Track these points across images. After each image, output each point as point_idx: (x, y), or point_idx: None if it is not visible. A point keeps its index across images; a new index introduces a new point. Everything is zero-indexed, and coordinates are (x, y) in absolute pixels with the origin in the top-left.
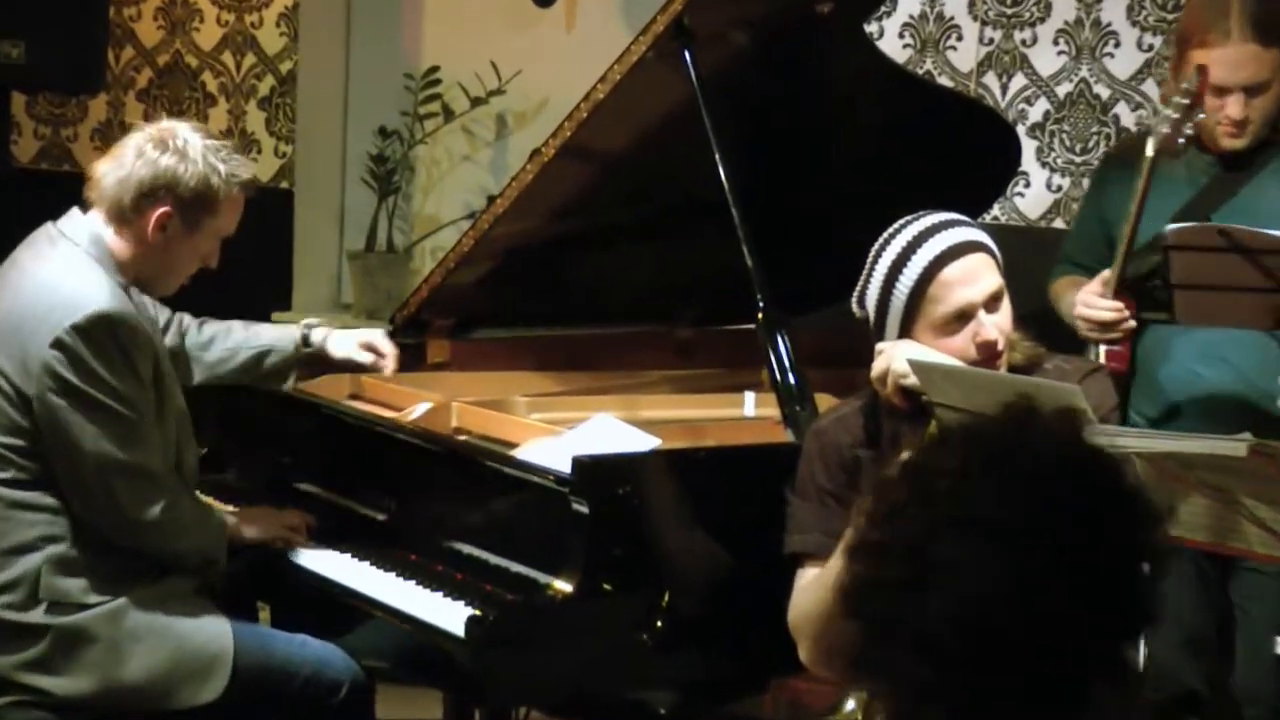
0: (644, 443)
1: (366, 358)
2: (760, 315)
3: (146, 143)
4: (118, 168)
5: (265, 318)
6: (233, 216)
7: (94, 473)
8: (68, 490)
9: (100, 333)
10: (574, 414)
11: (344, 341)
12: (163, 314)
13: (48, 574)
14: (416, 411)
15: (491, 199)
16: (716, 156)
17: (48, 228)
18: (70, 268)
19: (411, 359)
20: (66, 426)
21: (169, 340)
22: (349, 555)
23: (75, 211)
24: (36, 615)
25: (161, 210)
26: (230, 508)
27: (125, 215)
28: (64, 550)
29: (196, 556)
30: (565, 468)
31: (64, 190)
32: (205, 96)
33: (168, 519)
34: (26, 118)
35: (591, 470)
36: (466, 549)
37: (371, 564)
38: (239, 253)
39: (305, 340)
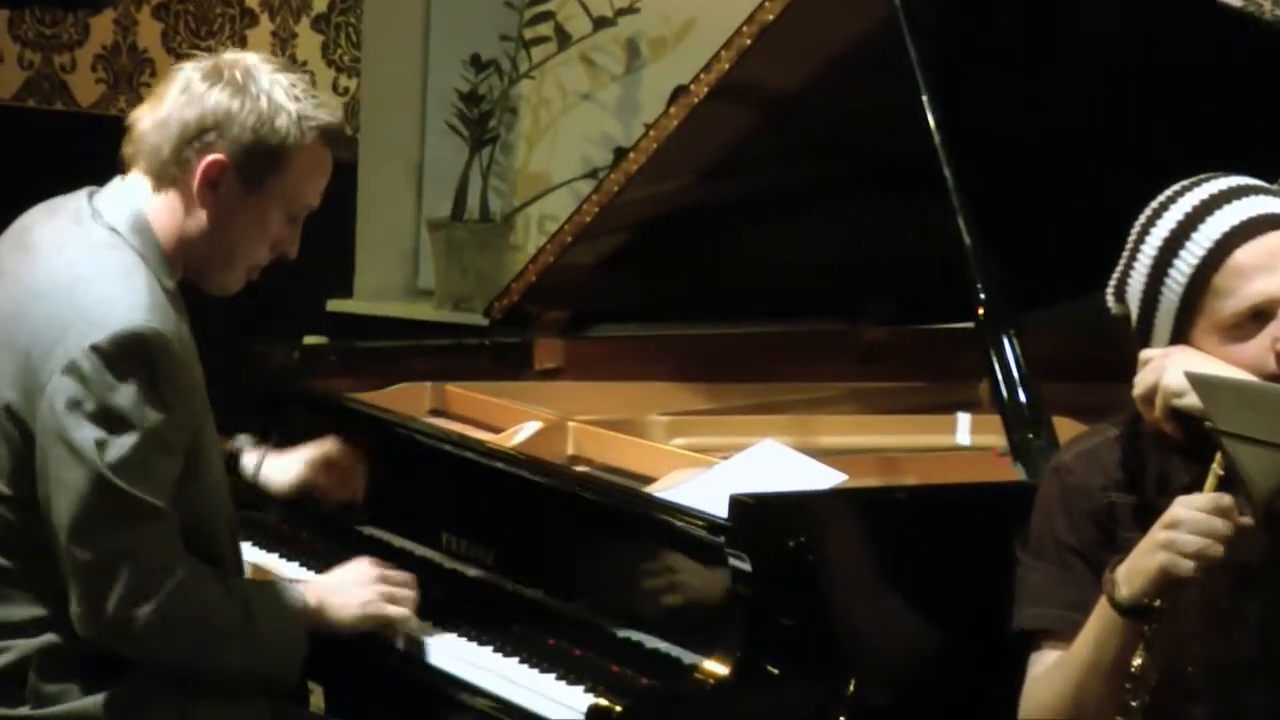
0: (823, 479)
1: (325, 480)
2: (981, 311)
3: (195, 74)
4: (157, 109)
5: (319, 310)
6: (312, 178)
7: (70, 548)
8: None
9: (129, 358)
10: (729, 439)
11: (286, 466)
12: None
13: (39, 671)
14: (520, 434)
15: (620, 153)
16: (924, 100)
17: (80, 200)
18: (102, 265)
19: (514, 363)
20: (48, 482)
21: None
22: (430, 623)
23: (115, 183)
24: (22, 711)
25: (211, 159)
26: (293, 569)
27: (166, 169)
28: (60, 641)
29: (247, 674)
30: (719, 510)
31: (56, 134)
32: (243, 14)
33: (176, 634)
34: (9, 41)
35: (754, 514)
36: (587, 617)
37: (460, 635)
38: None
39: (229, 465)
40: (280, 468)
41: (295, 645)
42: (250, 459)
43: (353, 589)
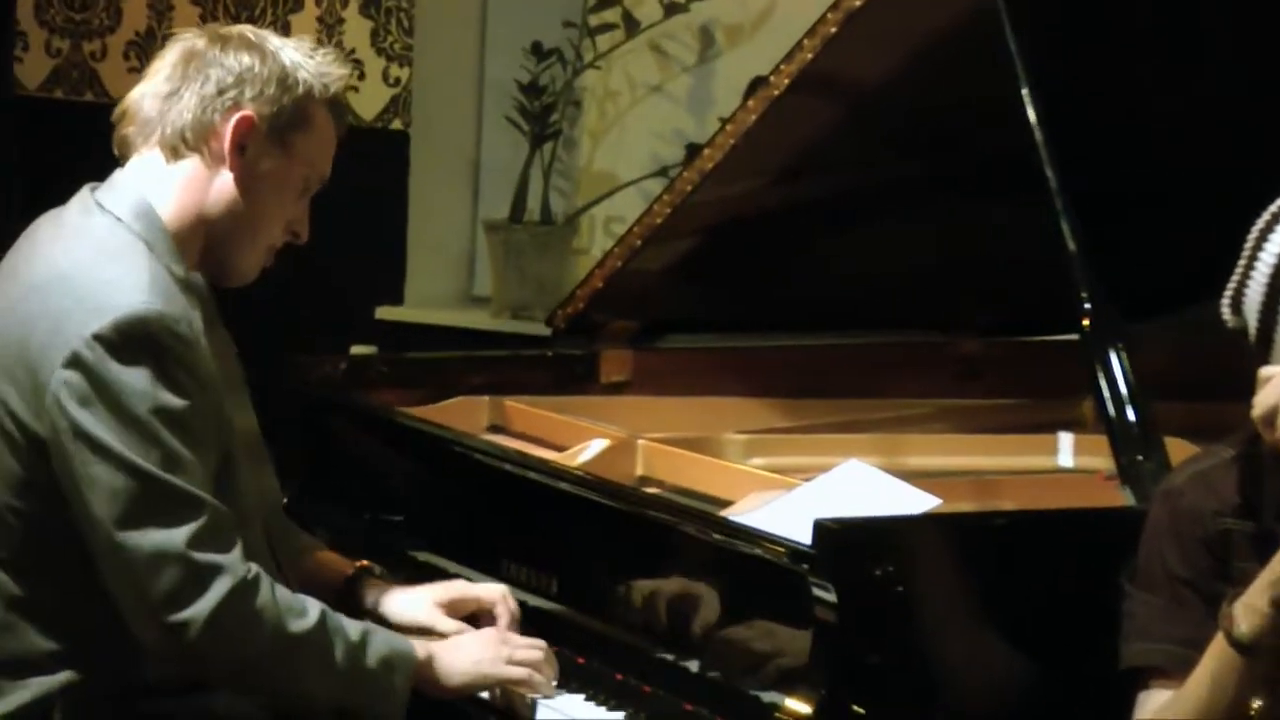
0: (914, 502)
1: (451, 626)
2: (1086, 322)
3: (198, 42)
4: (163, 83)
5: (368, 318)
6: (330, 141)
7: (110, 551)
8: (109, 587)
9: (135, 344)
10: (811, 459)
11: (410, 604)
12: None
13: (64, 714)
14: (586, 453)
15: (693, 150)
16: (1024, 93)
17: (82, 194)
18: (100, 250)
19: (578, 377)
20: (75, 481)
21: None
22: None
23: (115, 175)
24: None
25: (241, 116)
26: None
27: (185, 140)
28: (81, 679)
29: (322, 705)
30: (801, 536)
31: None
32: None
33: (234, 641)
34: (36, 27)
35: (839, 541)
36: (657, 651)
37: None
38: (329, 220)
39: (349, 589)
40: (404, 604)
41: (391, 690)
42: (370, 588)
43: (470, 644)
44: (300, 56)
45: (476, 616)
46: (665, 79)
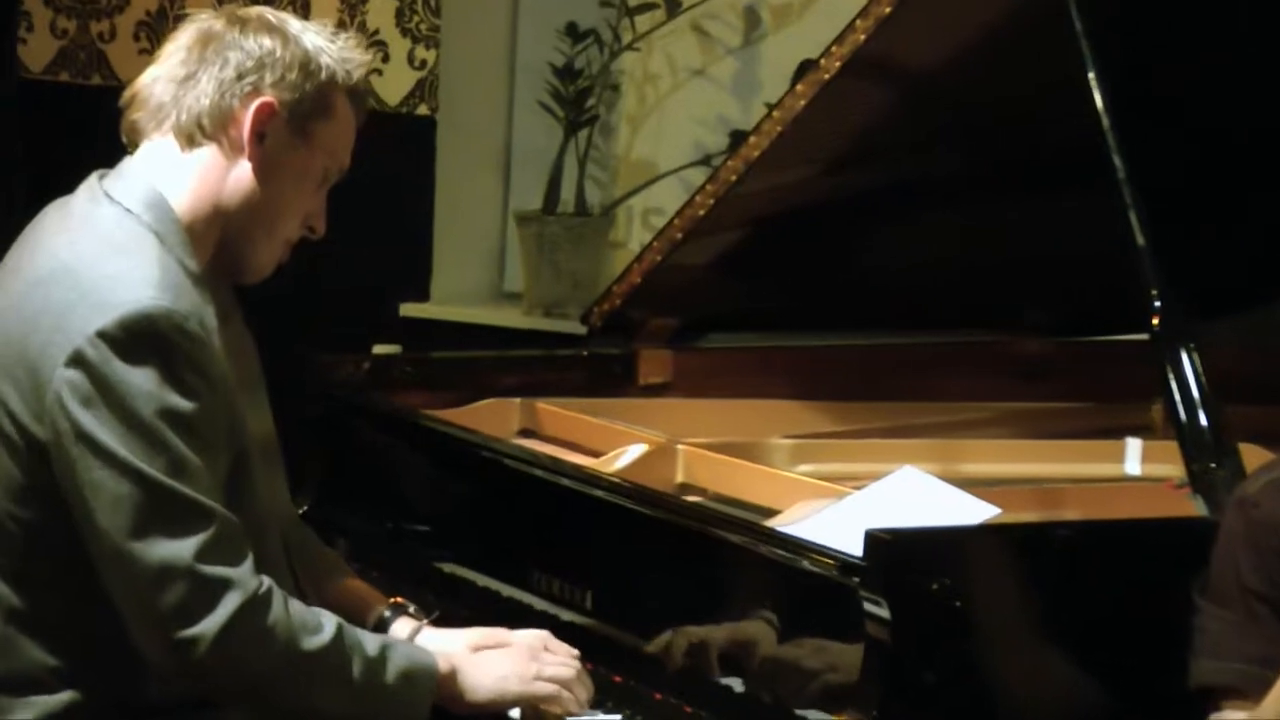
0: (972, 512)
1: None
2: (1156, 322)
3: (215, 24)
4: (177, 66)
5: (392, 315)
6: (349, 130)
7: (114, 561)
8: (114, 599)
9: (141, 342)
10: (863, 466)
11: (448, 644)
12: None
13: None
14: (623, 458)
15: (737, 137)
16: (1090, 79)
17: (88, 182)
18: (108, 242)
19: (614, 378)
20: (78, 488)
21: None
22: None
23: (125, 163)
24: None
25: (261, 103)
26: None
27: (201, 127)
28: (84, 699)
29: None
30: (852, 548)
31: (91, 112)
32: None
33: (246, 657)
34: (41, 6)
35: (893, 552)
36: (700, 669)
37: None
38: (351, 213)
39: (380, 629)
40: (439, 646)
41: (411, 705)
42: (403, 628)
43: (497, 659)
44: (322, 41)
45: None
46: (708, 62)
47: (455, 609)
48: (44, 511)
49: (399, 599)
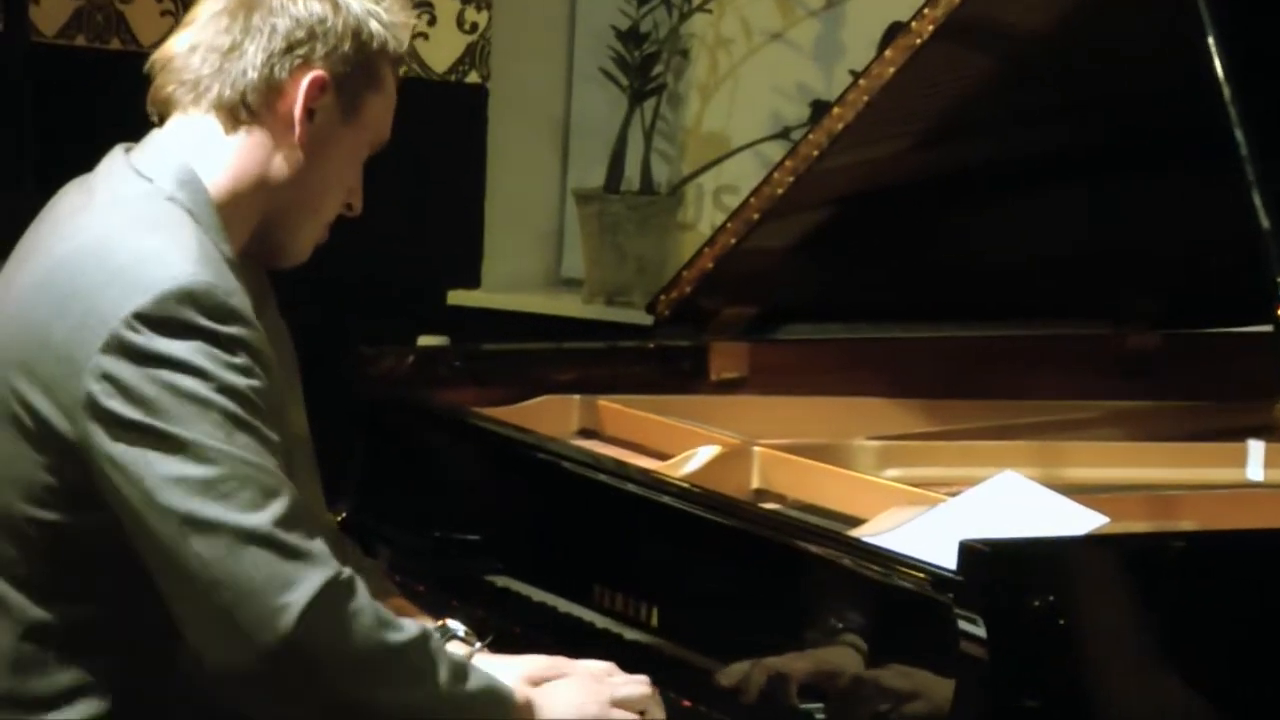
0: (1077, 521)
1: None
2: None
3: None
4: (220, 34)
5: (439, 303)
6: (392, 104)
7: (176, 541)
8: (173, 597)
9: (184, 320)
10: (957, 470)
11: (502, 674)
12: None
13: None
14: (693, 461)
15: (819, 108)
16: (1210, 44)
17: (116, 157)
18: (138, 219)
19: (684, 372)
20: (126, 475)
21: None
22: None
23: (154, 136)
24: None
25: (314, 76)
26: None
27: (246, 102)
28: (111, 709)
29: None
30: (946, 560)
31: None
32: None
33: (327, 640)
34: None
35: (991, 565)
36: (776, 693)
37: None
38: (395, 191)
39: None
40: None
41: None
42: (456, 651)
43: (570, 686)
44: (370, 4)
45: None
46: (788, 24)
47: (507, 626)
48: (68, 514)
49: (447, 620)
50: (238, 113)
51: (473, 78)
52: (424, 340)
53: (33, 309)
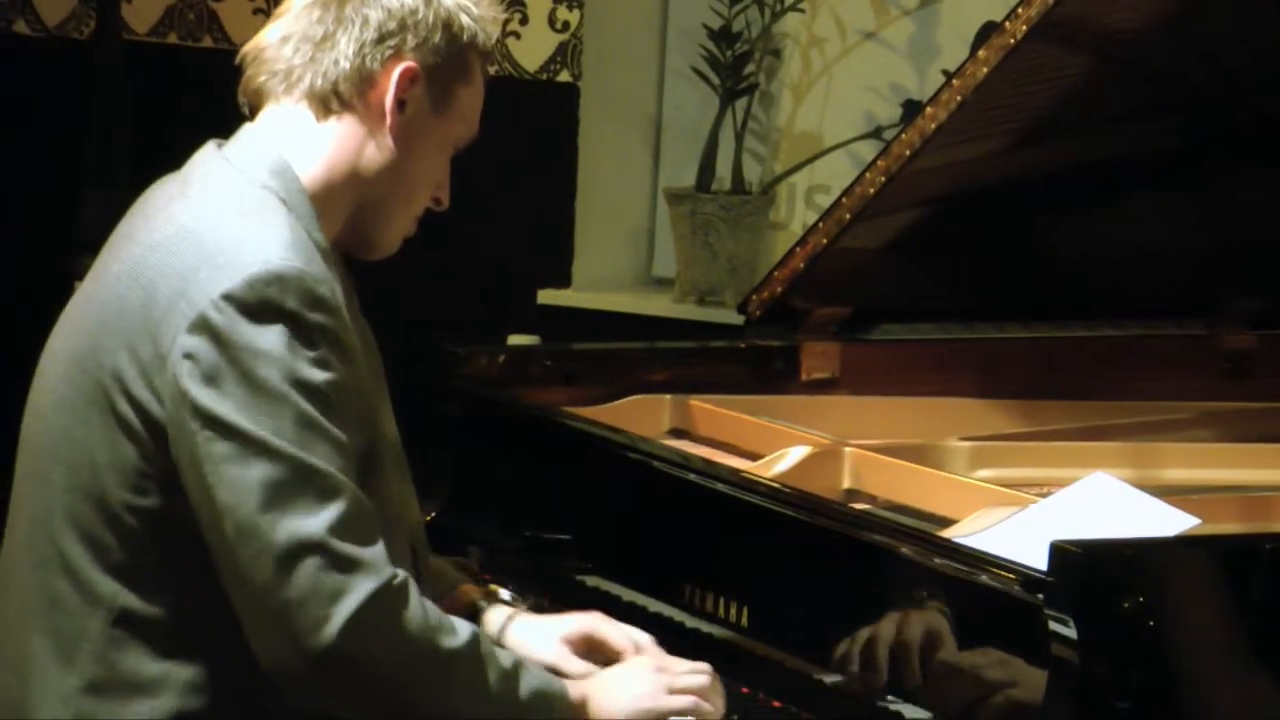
0: (1170, 523)
1: (578, 668)
2: None
3: None
4: (312, 25)
5: (529, 302)
6: (481, 98)
7: (235, 541)
8: (231, 592)
9: (271, 305)
10: (1049, 471)
11: (539, 637)
12: None
13: None
14: (784, 461)
15: (912, 108)
16: None
17: (209, 151)
18: (232, 206)
19: (775, 372)
20: (197, 463)
21: None
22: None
23: (246, 129)
24: None
25: (405, 67)
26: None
27: (338, 93)
28: (197, 697)
29: None
30: (1036, 561)
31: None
32: None
33: (376, 649)
34: None
35: (1082, 566)
36: (865, 693)
37: None
38: (486, 189)
39: (472, 614)
40: (531, 636)
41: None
42: (496, 616)
43: (625, 677)
44: None
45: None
46: (881, 23)
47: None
48: (163, 500)
49: (493, 586)
50: (329, 102)
51: (564, 77)
52: (514, 340)
53: (126, 293)
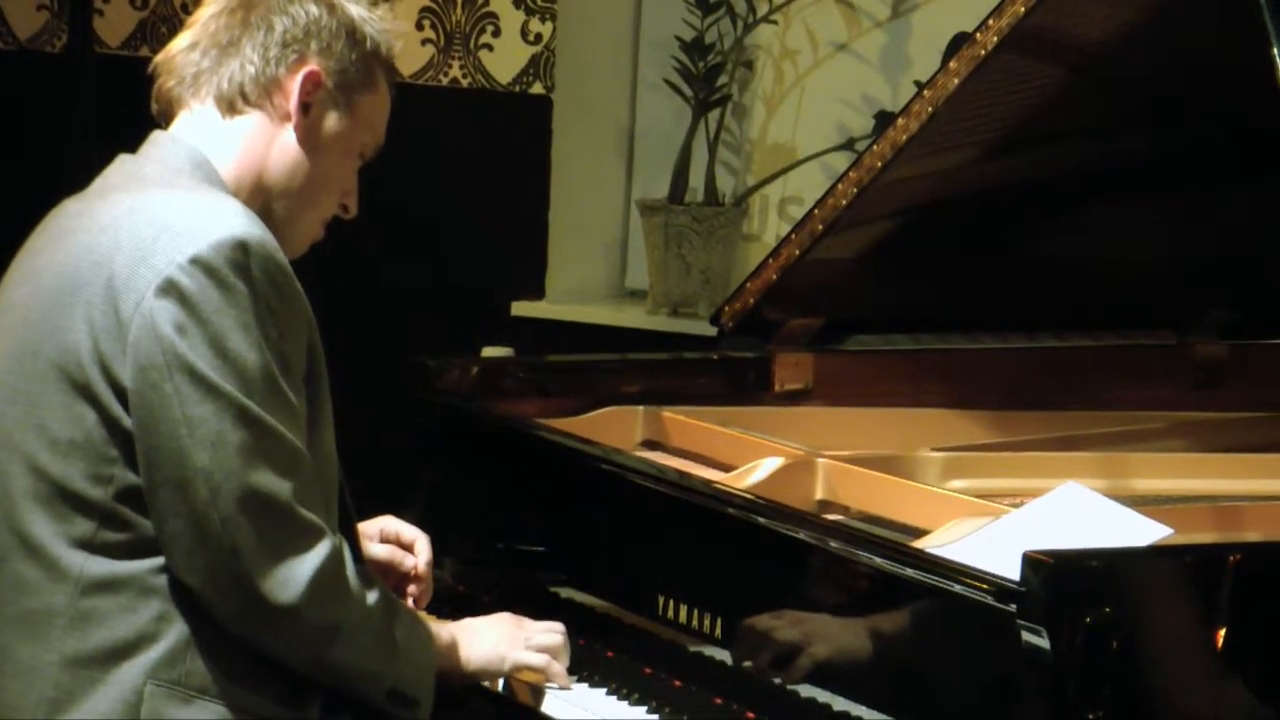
0: (1142, 533)
1: (380, 552)
2: None
3: None
4: (219, 32)
5: (503, 314)
6: (386, 108)
7: (208, 503)
8: (172, 541)
9: (239, 269)
10: (1021, 481)
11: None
12: None
13: (154, 701)
14: (757, 473)
15: (884, 119)
16: (1276, 53)
17: (122, 159)
18: (172, 188)
19: (748, 384)
20: (171, 425)
21: None
22: (642, 709)
23: (157, 135)
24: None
25: (308, 71)
26: (433, 619)
27: (245, 95)
28: (176, 651)
29: (376, 683)
30: (1009, 571)
31: None
32: None
33: (327, 607)
34: None
35: (1054, 577)
36: (839, 704)
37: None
38: (459, 201)
39: None
40: None
41: (424, 667)
42: None
43: (487, 628)
44: (364, 11)
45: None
46: (853, 35)
47: (571, 639)
48: (128, 468)
49: None
50: (235, 102)
51: (537, 89)
52: (488, 351)
53: (78, 274)
